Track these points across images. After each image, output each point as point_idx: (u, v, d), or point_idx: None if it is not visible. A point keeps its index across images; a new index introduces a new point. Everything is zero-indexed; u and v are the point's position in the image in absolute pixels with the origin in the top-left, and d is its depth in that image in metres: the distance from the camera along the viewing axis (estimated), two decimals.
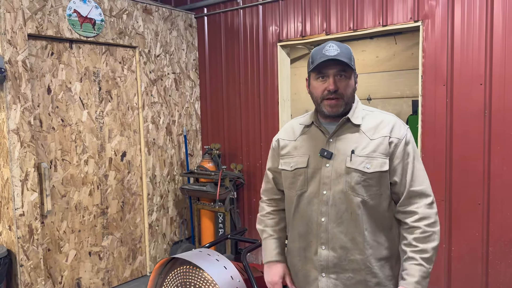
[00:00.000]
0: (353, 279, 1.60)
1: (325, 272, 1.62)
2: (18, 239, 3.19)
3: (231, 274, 1.94)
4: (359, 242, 1.57)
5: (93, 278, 3.80)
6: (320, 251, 1.62)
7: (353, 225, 1.57)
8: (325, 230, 1.60)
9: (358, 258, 1.58)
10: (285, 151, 1.75)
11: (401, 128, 1.63)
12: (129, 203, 4.10)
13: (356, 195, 1.57)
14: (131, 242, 4.13)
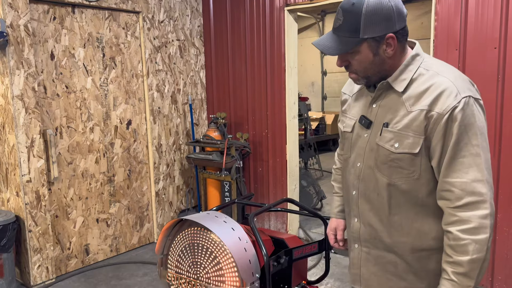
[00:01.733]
0: (384, 259, 1.44)
1: (358, 243, 1.51)
2: (26, 205, 3.21)
3: (238, 235, 1.93)
4: (386, 226, 1.39)
5: (101, 245, 3.84)
6: (354, 223, 1.51)
7: (380, 207, 1.39)
8: (355, 203, 1.48)
9: (387, 241, 1.41)
10: (343, 107, 1.60)
11: (449, 97, 1.23)
12: (135, 171, 4.10)
13: (382, 175, 1.37)
14: (138, 209, 4.15)
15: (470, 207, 1.22)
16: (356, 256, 1.52)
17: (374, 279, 1.48)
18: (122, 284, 3.37)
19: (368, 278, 1.50)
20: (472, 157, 1.23)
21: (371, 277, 1.49)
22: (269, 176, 4.35)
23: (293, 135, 4.18)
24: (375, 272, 1.47)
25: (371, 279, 1.49)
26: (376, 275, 1.47)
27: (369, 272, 1.48)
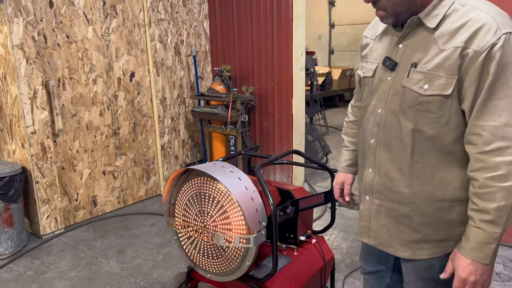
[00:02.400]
0: (397, 211, 1.38)
1: (369, 195, 1.46)
2: (31, 156, 3.21)
3: (245, 185, 1.92)
4: (406, 175, 1.32)
5: (108, 196, 3.89)
6: (367, 173, 1.45)
7: (401, 155, 1.32)
8: (373, 153, 1.40)
9: (404, 192, 1.34)
10: (364, 52, 1.49)
11: (488, 33, 1.13)
12: (140, 124, 4.07)
13: (407, 120, 1.28)
14: (144, 163, 4.16)
15: (499, 153, 1.15)
16: (366, 208, 1.48)
17: (384, 231, 1.44)
18: (130, 234, 3.43)
19: (378, 230, 1.46)
20: (508, 99, 1.14)
21: (381, 229, 1.45)
22: (275, 131, 4.31)
23: (299, 88, 4.10)
24: (386, 224, 1.43)
25: (381, 231, 1.45)
26: (387, 227, 1.43)
27: (380, 224, 1.45)
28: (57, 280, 2.75)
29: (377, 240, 1.48)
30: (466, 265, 1.21)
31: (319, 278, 2.33)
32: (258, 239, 1.85)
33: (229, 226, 1.88)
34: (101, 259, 3.03)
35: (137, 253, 3.11)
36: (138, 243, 3.27)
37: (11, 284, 2.72)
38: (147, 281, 2.72)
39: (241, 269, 1.94)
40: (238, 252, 1.92)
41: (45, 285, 2.70)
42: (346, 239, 3.24)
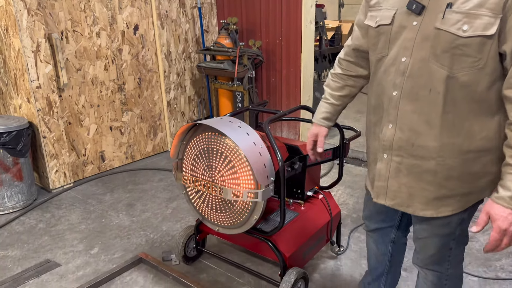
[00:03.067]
0: (419, 168, 1.33)
1: (387, 153, 1.38)
2: (38, 111, 3.19)
3: (253, 140, 1.90)
4: (435, 127, 1.25)
5: (116, 152, 3.91)
6: (386, 130, 1.36)
7: (431, 105, 1.25)
8: (395, 106, 1.31)
9: (431, 145, 1.28)
10: (374, 0, 1.40)
11: None
12: (145, 80, 4.01)
13: (441, 66, 1.20)
14: (150, 119, 4.14)
15: None
16: (384, 167, 1.41)
17: (404, 190, 1.39)
18: (138, 189, 3.48)
19: (397, 190, 1.40)
20: None
21: (400, 188, 1.39)
22: (282, 87, 4.24)
23: (308, 42, 3.97)
24: (407, 183, 1.37)
25: (400, 190, 1.39)
26: (408, 186, 1.37)
27: (399, 183, 1.38)
28: (68, 233, 2.82)
29: (395, 200, 1.42)
30: (506, 215, 1.18)
31: (325, 232, 2.36)
32: (266, 193, 1.85)
33: (237, 180, 1.88)
34: (111, 213, 3.08)
35: (146, 207, 3.16)
36: (146, 197, 3.32)
37: (23, 236, 2.79)
38: (156, 234, 2.77)
39: (249, 222, 1.96)
40: (246, 206, 1.93)
41: (57, 237, 2.77)
42: (353, 195, 3.26)
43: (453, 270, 1.53)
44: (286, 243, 2.08)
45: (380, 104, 1.40)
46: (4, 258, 2.54)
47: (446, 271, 1.52)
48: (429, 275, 1.56)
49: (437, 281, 1.55)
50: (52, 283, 2.29)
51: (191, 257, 2.41)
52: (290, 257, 2.05)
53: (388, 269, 1.83)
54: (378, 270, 1.85)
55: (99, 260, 2.49)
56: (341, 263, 2.43)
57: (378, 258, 1.82)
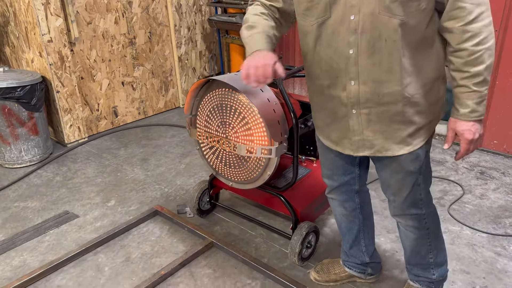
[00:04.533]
0: (388, 112, 1.39)
1: (356, 108, 1.41)
2: (50, 65, 3.19)
3: (267, 97, 1.89)
4: (396, 72, 1.32)
5: (128, 107, 3.92)
6: (350, 87, 1.38)
7: (389, 54, 1.30)
8: (354, 63, 1.33)
9: (395, 90, 1.34)
10: None
11: None
12: (156, 34, 3.94)
13: (393, 16, 1.24)
14: (162, 74, 4.12)
15: (479, 18, 1.25)
16: (355, 122, 1.44)
17: (379, 136, 1.45)
18: (152, 144, 3.52)
19: (373, 138, 1.45)
20: None
21: (376, 136, 1.45)
22: (295, 42, 4.14)
23: None
24: (379, 128, 1.43)
25: (376, 138, 1.45)
26: (381, 131, 1.43)
27: (374, 131, 1.44)
28: (84, 185, 2.90)
29: (374, 148, 1.48)
30: (469, 127, 1.36)
31: None
32: (280, 150, 1.86)
33: (251, 137, 1.89)
34: (126, 167, 3.15)
35: (160, 162, 3.21)
36: (160, 152, 3.37)
37: (41, 188, 2.88)
38: (171, 188, 2.84)
39: (262, 178, 1.99)
40: (260, 162, 1.95)
41: (74, 190, 2.85)
42: None
43: (428, 209, 1.62)
44: (298, 198, 2.12)
45: (334, 66, 1.38)
46: (25, 209, 2.64)
47: (422, 211, 1.60)
48: (409, 221, 1.64)
49: (417, 224, 1.63)
50: (71, 233, 2.39)
51: (205, 210, 2.48)
52: (302, 211, 2.09)
53: (363, 222, 1.84)
54: (354, 229, 1.84)
55: (116, 212, 2.58)
56: None
57: (350, 218, 1.82)
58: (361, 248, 1.89)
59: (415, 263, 1.76)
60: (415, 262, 1.75)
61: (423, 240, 1.67)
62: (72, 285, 2.01)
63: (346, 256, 1.95)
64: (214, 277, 2.03)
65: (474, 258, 2.12)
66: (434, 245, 1.69)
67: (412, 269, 1.79)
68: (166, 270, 2.02)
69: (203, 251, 2.18)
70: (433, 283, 1.76)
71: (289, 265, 2.10)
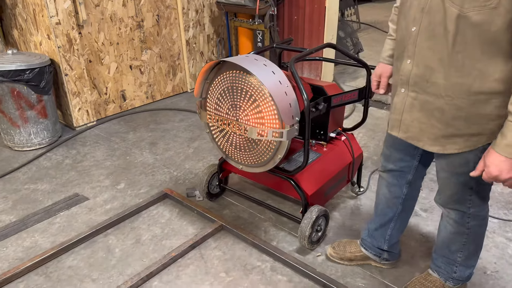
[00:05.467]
0: (431, 105, 1.35)
1: (405, 88, 1.41)
2: (58, 48, 3.17)
3: (279, 79, 1.87)
4: (445, 65, 1.26)
5: (136, 91, 3.91)
6: (404, 65, 1.39)
7: (443, 44, 1.24)
8: (413, 42, 1.33)
9: (441, 83, 1.29)
10: None
11: None
12: (164, 17, 3.90)
13: (452, 5, 1.18)
14: (170, 58, 4.09)
15: None
16: (400, 101, 1.45)
17: (416, 125, 1.43)
18: (160, 128, 3.51)
19: (410, 124, 1.45)
20: None
21: (413, 123, 1.43)
22: (305, 25, 4.08)
23: None
24: (419, 118, 1.41)
25: (412, 125, 1.44)
26: (419, 121, 1.41)
27: (412, 117, 1.43)
28: (94, 168, 2.91)
29: (407, 133, 1.47)
30: (498, 162, 1.22)
31: (346, 173, 2.38)
32: (291, 133, 1.85)
33: (262, 120, 1.88)
34: (135, 150, 3.15)
35: (169, 146, 3.21)
36: (168, 136, 3.36)
37: (51, 171, 2.89)
38: (180, 171, 2.84)
39: (273, 161, 1.98)
40: (270, 145, 1.94)
41: (83, 172, 2.86)
42: (374, 138, 3.24)
43: (476, 209, 1.54)
44: (308, 182, 2.11)
45: (402, 38, 1.40)
46: (35, 191, 2.65)
47: (468, 210, 1.54)
48: (451, 214, 1.59)
49: (459, 219, 1.58)
50: (82, 215, 2.41)
51: (214, 194, 2.48)
52: (312, 195, 2.08)
53: (399, 213, 1.81)
54: (388, 215, 1.83)
55: (125, 195, 2.59)
56: (360, 202, 2.47)
57: (389, 203, 1.81)
58: (385, 235, 1.88)
59: (441, 254, 1.73)
60: (442, 253, 1.73)
61: (459, 236, 1.62)
62: (84, 266, 2.03)
63: (367, 236, 1.95)
64: (224, 259, 2.04)
65: (485, 244, 2.10)
66: (468, 247, 1.64)
67: (437, 259, 1.76)
68: (176, 252, 2.03)
69: (212, 233, 2.19)
70: (452, 279, 1.73)
71: (298, 249, 2.10)
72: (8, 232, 2.27)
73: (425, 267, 1.94)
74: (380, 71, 1.72)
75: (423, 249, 2.09)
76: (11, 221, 2.37)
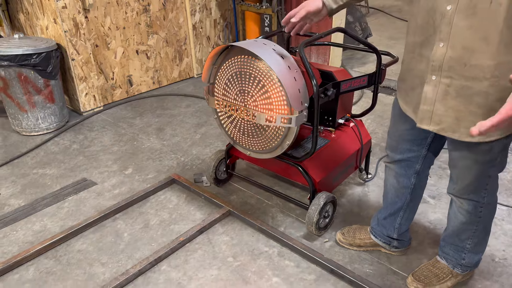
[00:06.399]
0: (470, 90, 1.25)
1: (436, 74, 1.30)
2: (65, 32, 3.15)
3: (288, 64, 1.84)
4: (493, 43, 1.17)
5: (143, 76, 3.89)
6: (436, 49, 1.27)
7: (490, 19, 1.15)
8: (448, 22, 1.22)
9: (485, 64, 1.20)
10: None
11: None
12: (170, 1, 3.86)
13: None
14: (176, 43, 4.06)
15: None
16: (431, 90, 1.34)
17: (451, 114, 1.33)
18: (167, 114, 3.51)
19: (443, 114, 1.34)
20: None
21: (447, 112, 1.33)
22: None
23: None
24: (454, 106, 1.31)
25: (447, 115, 1.34)
26: (455, 109, 1.31)
27: (446, 107, 1.32)
28: (101, 153, 2.91)
29: (440, 125, 1.37)
30: None
31: (354, 159, 2.37)
32: (300, 119, 1.83)
33: (270, 106, 1.86)
34: (142, 136, 3.15)
35: (176, 132, 3.21)
36: (175, 122, 3.36)
37: (59, 156, 2.91)
38: (187, 157, 2.84)
39: (281, 147, 1.97)
40: (279, 131, 1.93)
41: (91, 157, 2.87)
42: (382, 124, 3.21)
43: (489, 198, 1.52)
44: (316, 169, 2.10)
45: (429, 21, 1.29)
46: (43, 176, 2.67)
47: (483, 199, 1.52)
48: (464, 204, 1.56)
49: (472, 210, 1.55)
50: (90, 200, 2.42)
51: (222, 179, 2.48)
52: (320, 182, 2.08)
53: (408, 203, 1.80)
54: (397, 204, 1.82)
55: (133, 180, 2.60)
56: (368, 189, 2.46)
57: (398, 192, 1.79)
58: (394, 224, 1.87)
59: (450, 242, 1.72)
60: (451, 241, 1.72)
61: (470, 225, 1.61)
62: (93, 250, 2.05)
63: (377, 224, 1.94)
64: (231, 244, 2.05)
65: (494, 231, 2.10)
66: (478, 235, 1.63)
67: (445, 246, 1.76)
68: (184, 236, 2.04)
69: (220, 219, 2.19)
70: (461, 266, 1.73)
71: (305, 235, 2.11)
72: (17, 216, 2.30)
73: (433, 254, 1.94)
74: (315, 7, 1.55)
75: (431, 236, 2.09)
76: (20, 205, 2.39)
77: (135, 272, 1.85)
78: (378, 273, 1.87)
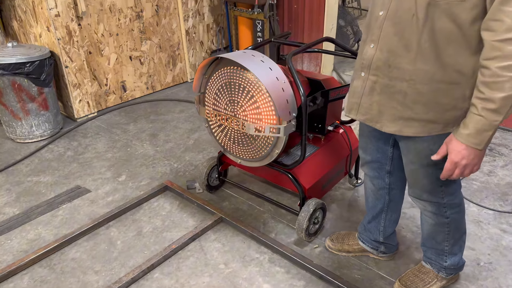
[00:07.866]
0: (392, 88, 1.38)
1: (365, 72, 1.43)
2: (58, 40, 3.18)
3: (276, 75, 1.88)
4: (412, 51, 1.28)
5: (137, 82, 3.92)
6: (367, 49, 1.41)
7: (411, 30, 1.26)
8: (379, 26, 1.34)
9: (405, 68, 1.32)
10: None
11: None
12: (163, 6, 3.89)
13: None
14: (169, 48, 4.09)
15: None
16: (360, 84, 1.47)
17: (374, 108, 1.45)
18: (161, 119, 3.54)
19: (368, 107, 1.47)
20: None
21: (372, 106, 1.46)
22: (305, 14, 4.06)
23: None
24: (378, 100, 1.43)
25: (371, 108, 1.46)
26: (379, 103, 1.43)
27: (371, 101, 1.45)
28: (95, 160, 2.94)
29: (365, 116, 1.49)
30: (460, 149, 1.27)
31: (344, 165, 2.41)
32: (288, 129, 1.87)
33: (260, 116, 1.90)
34: (135, 142, 3.18)
35: (169, 137, 3.24)
36: (169, 128, 3.39)
37: (53, 163, 2.93)
38: (180, 163, 2.88)
39: (271, 156, 2.01)
40: (268, 140, 1.96)
41: (85, 164, 2.90)
42: None
43: (450, 198, 1.58)
44: (306, 176, 2.14)
45: (369, 23, 1.42)
46: (38, 184, 2.70)
47: (442, 200, 1.58)
48: (427, 206, 1.63)
49: (436, 210, 1.61)
50: (84, 208, 2.45)
51: (214, 186, 2.52)
52: (310, 189, 2.12)
53: (388, 204, 1.83)
54: (378, 207, 1.86)
55: (126, 187, 2.63)
56: (358, 194, 2.51)
57: (376, 195, 1.83)
58: (379, 227, 1.91)
59: (430, 246, 1.77)
60: (430, 245, 1.76)
61: (441, 227, 1.66)
62: (86, 258, 2.08)
63: (363, 230, 1.99)
64: (223, 251, 2.09)
65: (480, 235, 2.14)
66: (452, 235, 1.68)
67: (426, 251, 1.81)
68: (177, 244, 2.08)
69: (212, 225, 2.23)
70: (445, 269, 1.78)
71: (296, 241, 2.15)
72: (12, 225, 2.32)
73: (420, 259, 1.99)
74: None
75: (418, 240, 2.13)
76: (14, 214, 2.42)
77: (128, 280, 1.89)
78: (366, 279, 1.92)
